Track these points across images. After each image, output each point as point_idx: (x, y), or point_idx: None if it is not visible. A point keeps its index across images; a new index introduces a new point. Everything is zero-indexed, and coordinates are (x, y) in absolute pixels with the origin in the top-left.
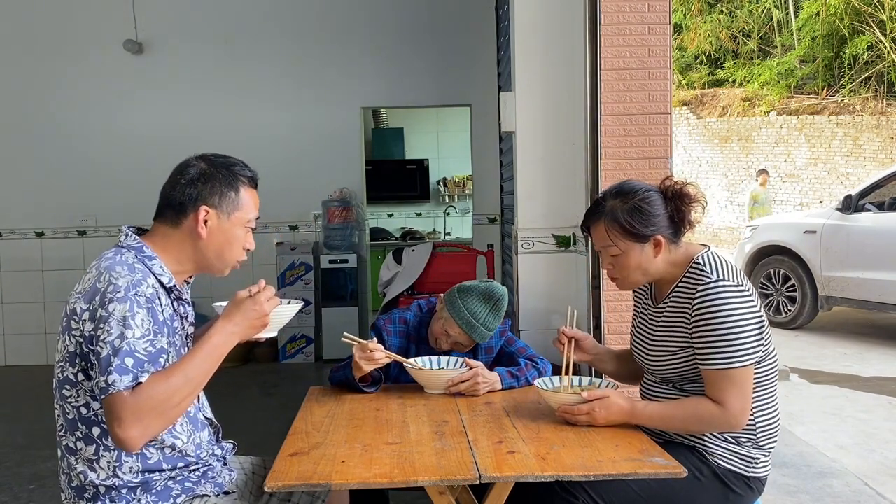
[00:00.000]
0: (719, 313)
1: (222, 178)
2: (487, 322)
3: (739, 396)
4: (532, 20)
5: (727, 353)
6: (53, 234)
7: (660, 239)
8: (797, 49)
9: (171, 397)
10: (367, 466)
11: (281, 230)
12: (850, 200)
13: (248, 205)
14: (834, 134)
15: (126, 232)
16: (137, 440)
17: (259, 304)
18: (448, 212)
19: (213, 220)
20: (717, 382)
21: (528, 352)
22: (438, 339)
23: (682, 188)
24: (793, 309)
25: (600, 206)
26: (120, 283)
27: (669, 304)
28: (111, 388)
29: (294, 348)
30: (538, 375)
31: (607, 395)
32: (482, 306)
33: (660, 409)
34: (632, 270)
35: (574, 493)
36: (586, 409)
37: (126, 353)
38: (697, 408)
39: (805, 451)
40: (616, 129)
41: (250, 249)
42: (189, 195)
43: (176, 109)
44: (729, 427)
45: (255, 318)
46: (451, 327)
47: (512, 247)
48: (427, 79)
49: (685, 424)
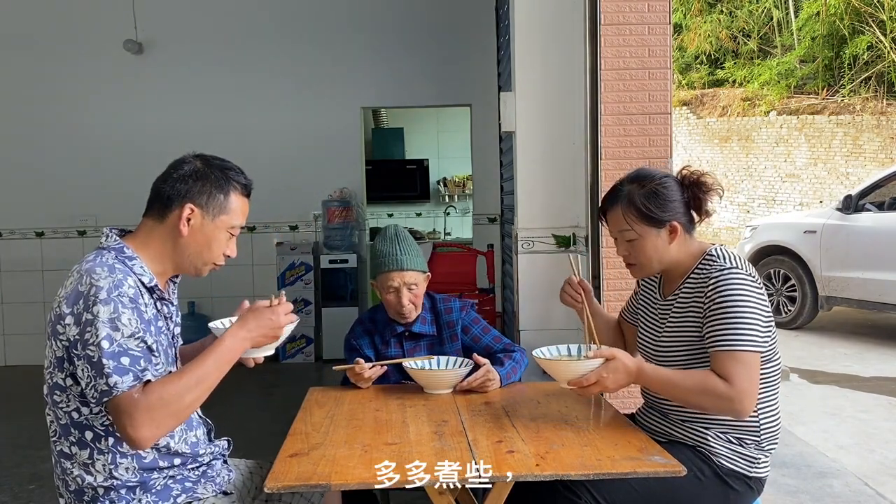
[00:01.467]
0: (733, 296)
1: (214, 179)
2: (403, 248)
3: (747, 378)
4: (532, 20)
5: (738, 335)
6: (53, 234)
7: (676, 225)
8: (797, 49)
9: (183, 398)
10: (367, 467)
11: (281, 230)
12: (850, 200)
13: (236, 211)
14: (834, 134)
15: (107, 233)
16: (149, 440)
17: (277, 316)
18: (448, 212)
19: (196, 219)
20: (726, 362)
21: (503, 340)
22: (396, 306)
23: (699, 177)
24: (793, 309)
25: (618, 191)
26: (101, 285)
27: (680, 295)
28: (115, 389)
29: (294, 348)
30: (516, 366)
31: (614, 354)
32: (387, 244)
33: (668, 373)
34: (648, 255)
35: (576, 492)
36: (594, 378)
37: (119, 353)
38: (705, 379)
39: (805, 451)
40: (616, 129)
41: (231, 256)
42: (178, 191)
43: (176, 109)
44: (731, 407)
45: (270, 328)
46: (387, 280)
47: (512, 247)
48: (427, 79)
49: (689, 394)
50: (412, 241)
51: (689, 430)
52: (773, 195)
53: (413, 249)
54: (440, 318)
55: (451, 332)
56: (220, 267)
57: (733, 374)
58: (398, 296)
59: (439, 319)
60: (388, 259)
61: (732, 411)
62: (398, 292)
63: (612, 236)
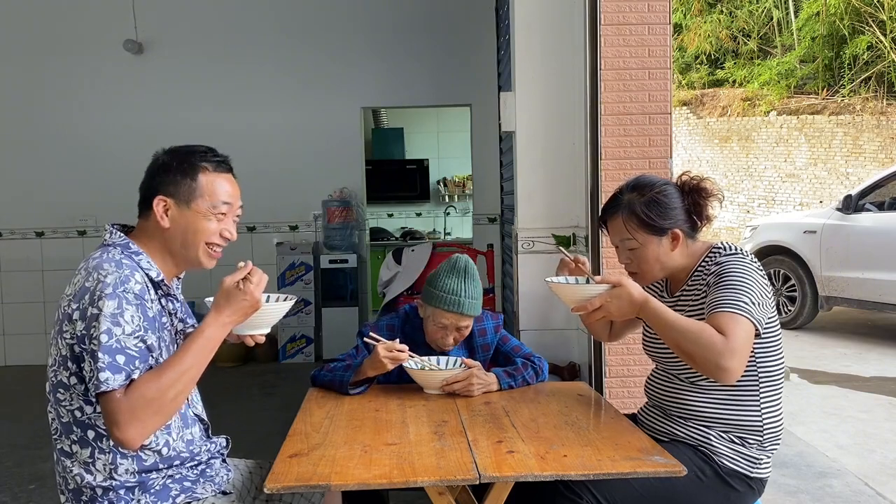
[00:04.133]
0: (735, 273)
1: (176, 166)
2: (469, 291)
3: (742, 340)
4: (532, 20)
5: (738, 301)
6: (53, 234)
7: (677, 232)
8: (797, 49)
9: (166, 393)
10: (367, 467)
11: (281, 230)
12: (850, 200)
13: (211, 190)
14: (834, 134)
15: (110, 230)
16: (137, 440)
17: (248, 294)
18: (448, 212)
19: (172, 209)
20: (724, 319)
21: (524, 350)
22: (439, 340)
23: (698, 183)
24: (793, 309)
25: (617, 200)
26: (108, 280)
27: (687, 289)
28: (103, 385)
29: (294, 348)
30: (535, 375)
31: (622, 281)
32: (455, 279)
33: (670, 312)
34: (650, 264)
35: (577, 492)
36: (598, 303)
37: (117, 349)
38: (704, 327)
39: (805, 451)
40: (616, 129)
41: (229, 238)
42: (150, 187)
43: (176, 109)
44: (717, 361)
45: (248, 306)
46: (442, 317)
47: (512, 247)
48: (427, 79)
49: (683, 335)
50: (479, 281)
51: (691, 429)
52: (773, 195)
53: (478, 293)
54: (473, 341)
55: (485, 356)
56: (218, 252)
57: (729, 331)
58: (445, 333)
59: (472, 342)
60: (452, 298)
61: (718, 367)
62: (446, 330)
63: (614, 245)
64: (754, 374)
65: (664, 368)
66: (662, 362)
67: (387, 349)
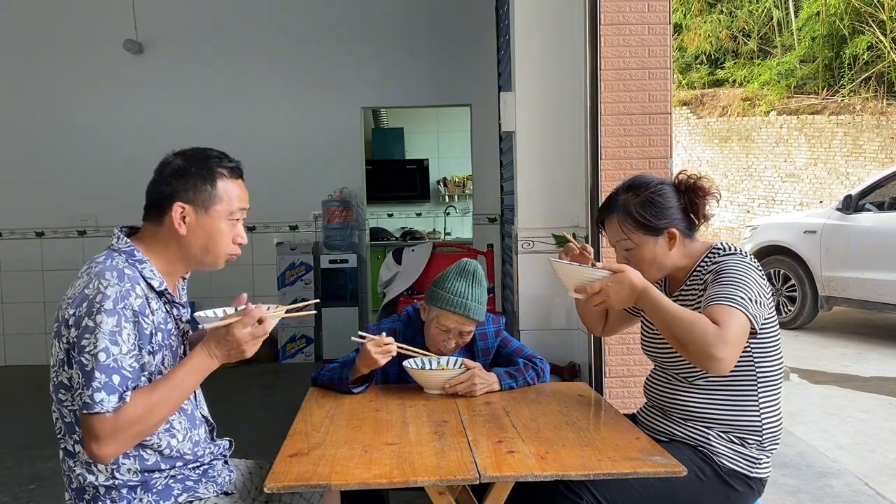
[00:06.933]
0: (733, 270)
1: (196, 172)
2: (476, 295)
3: (736, 332)
4: (532, 20)
5: (735, 296)
6: (53, 234)
7: (674, 232)
8: (797, 49)
9: (150, 417)
10: (367, 467)
11: (281, 230)
12: (850, 200)
13: (229, 196)
14: (834, 134)
15: (118, 235)
16: (112, 457)
17: (236, 338)
18: (448, 212)
19: (190, 216)
20: (720, 310)
21: (525, 351)
22: (440, 342)
23: (695, 182)
24: (793, 309)
25: (613, 201)
26: (108, 293)
27: (685, 289)
28: (97, 406)
29: (294, 348)
30: (536, 376)
31: (623, 268)
32: (463, 282)
33: (668, 300)
34: (647, 264)
35: (577, 492)
36: (598, 287)
37: (114, 369)
38: (698, 317)
39: (805, 451)
40: (616, 129)
41: (242, 243)
42: (165, 193)
43: (176, 109)
44: (709, 351)
45: (234, 349)
46: (446, 319)
47: (512, 247)
48: (427, 79)
49: (678, 323)
50: (486, 287)
51: (691, 429)
52: (773, 195)
53: (484, 298)
54: (474, 345)
55: (485, 360)
56: (236, 256)
57: (723, 322)
58: (447, 337)
59: (473, 346)
60: (458, 300)
61: (710, 357)
62: (448, 333)
63: (611, 245)
64: (752, 375)
65: (663, 369)
66: (661, 362)
67: (375, 345)
